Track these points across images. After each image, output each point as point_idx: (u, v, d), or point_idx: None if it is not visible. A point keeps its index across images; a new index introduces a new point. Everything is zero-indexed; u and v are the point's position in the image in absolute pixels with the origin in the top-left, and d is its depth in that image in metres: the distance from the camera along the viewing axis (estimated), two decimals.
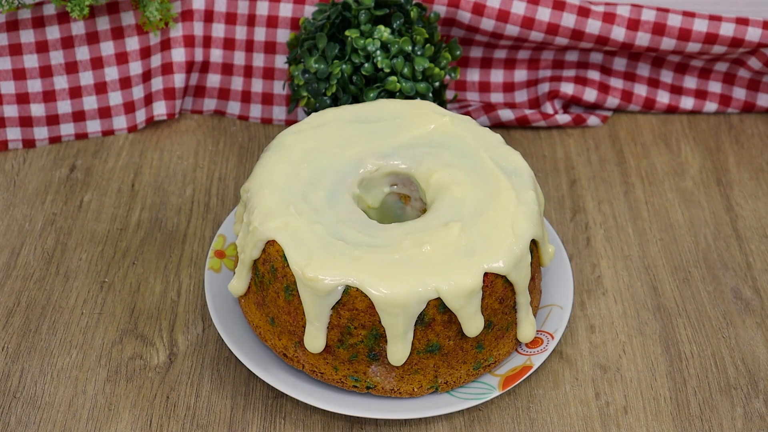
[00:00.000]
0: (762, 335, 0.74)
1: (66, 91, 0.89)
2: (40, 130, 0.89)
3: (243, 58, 0.92)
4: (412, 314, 0.62)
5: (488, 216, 0.66)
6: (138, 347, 0.72)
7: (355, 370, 0.65)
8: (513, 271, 0.64)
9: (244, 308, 0.70)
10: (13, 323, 0.73)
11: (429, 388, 0.66)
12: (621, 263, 0.79)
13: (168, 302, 0.75)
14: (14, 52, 0.87)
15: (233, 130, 0.92)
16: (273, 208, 0.66)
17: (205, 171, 0.87)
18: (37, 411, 0.67)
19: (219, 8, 0.90)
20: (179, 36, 0.90)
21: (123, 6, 0.88)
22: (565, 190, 0.86)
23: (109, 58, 0.89)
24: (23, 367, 0.70)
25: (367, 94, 0.81)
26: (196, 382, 0.69)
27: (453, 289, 0.62)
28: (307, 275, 0.62)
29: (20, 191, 0.85)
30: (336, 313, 0.63)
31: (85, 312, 0.74)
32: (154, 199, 0.84)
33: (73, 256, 0.79)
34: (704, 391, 0.70)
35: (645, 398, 0.69)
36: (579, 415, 0.68)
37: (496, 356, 0.67)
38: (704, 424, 0.67)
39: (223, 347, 0.72)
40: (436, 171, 0.69)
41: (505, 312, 0.66)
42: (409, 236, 0.64)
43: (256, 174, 0.69)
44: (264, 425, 0.66)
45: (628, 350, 0.72)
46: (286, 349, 0.67)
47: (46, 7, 0.86)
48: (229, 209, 0.83)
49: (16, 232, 0.81)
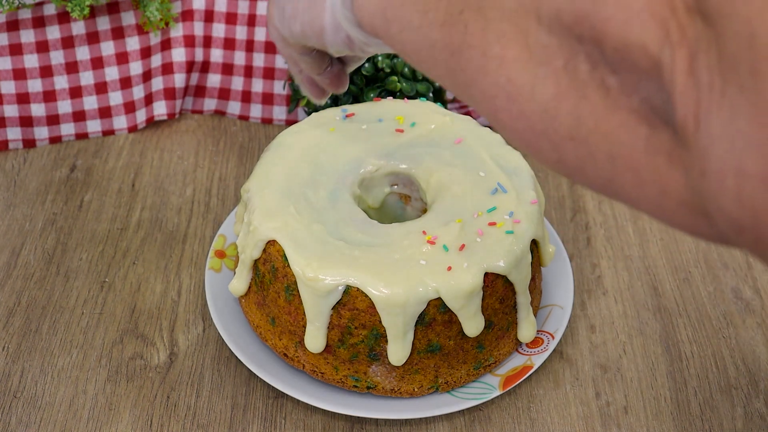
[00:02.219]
0: (762, 335, 0.74)
1: (66, 91, 0.89)
2: (40, 130, 0.89)
3: (243, 58, 0.91)
4: (412, 314, 0.62)
5: (488, 215, 0.66)
6: (138, 347, 0.71)
7: (355, 370, 0.65)
8: (513, 271, 0.64)
9: (245, 308, 0.70)
10: (14, 323, 0.73)
11: (429, 388, 0.66)
12: (621, 263, 0.79)
13: (168, 302, 0.75)
14: (14, 52, 0.87)
15: (233, 130, 0.92)
16: (273, 208, 0.66)
17: (206, 171, 0.87)
18: (37, 411, 0.67)
19: (219, 8, 0.90)
20: (179, 36, 0.90)
21: (123, 6, 0.88)
22: (566, 190, 0.86)
23: (110, 58, 0.89)
24: (23, 367, 0.70)
25: (367, 94, 0.81)
26: (196, 382, 0.69)
27: (453, 289, 0.62)
28: (308, 275, 0.62)
29: (20, 191, 0.85)
30: (336, 313, 0.63)
31: (85, 312, 0.74)
32: (154, 199, 0.84)
33: (74, 256, 0.79)
34: (705, 391, 0.70)
35: (645, 398, 0.69)
36: (579, 415, 0.68)
37: (497, 356, 0.67)
38: (704, 424, 0.67)
39: (224, 347, 0.72)
40: (437, 171, 0.69)
41: (506, 312, 0.66)
42: (409, 236, 0.64)
43: (256, 174, 0.69)
44: (264, 425, 0.66)
45: (628, 350, 0.72)
46: (287, 349, 0.67)
47: (46, 7, 0.86)
48: (229, 209, 0.83)
49: (17, 231, 0.81)
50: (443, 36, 0.44)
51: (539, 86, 0.38)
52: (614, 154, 0.36)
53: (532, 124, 0.39)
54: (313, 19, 0.56)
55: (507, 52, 0.40)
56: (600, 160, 0.37)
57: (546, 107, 0.38)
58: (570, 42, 0.37)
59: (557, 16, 0.37)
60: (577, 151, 0.38)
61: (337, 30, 0.55)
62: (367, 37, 0.54)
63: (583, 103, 0.37)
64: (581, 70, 0.37)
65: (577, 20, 0.36)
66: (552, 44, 0.38)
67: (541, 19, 0.38)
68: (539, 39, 0.38)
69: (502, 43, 0.40)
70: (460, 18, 0.42)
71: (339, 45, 0.57)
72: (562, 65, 0.37)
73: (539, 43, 0.38)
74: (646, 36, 0.33)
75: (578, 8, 0.36)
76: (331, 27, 0.55)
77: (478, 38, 0.41)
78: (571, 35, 0.37)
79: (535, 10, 0.38)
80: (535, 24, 0.38)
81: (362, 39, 0.54)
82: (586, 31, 0.36)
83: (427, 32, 0.45)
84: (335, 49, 0.58)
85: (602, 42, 0.35)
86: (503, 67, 0.40)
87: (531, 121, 0.39)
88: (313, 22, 0.57)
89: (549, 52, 0.38)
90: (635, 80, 0.35)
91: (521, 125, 0.40)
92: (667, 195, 0.35)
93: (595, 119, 0.36)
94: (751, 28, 0.29)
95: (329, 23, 0.55)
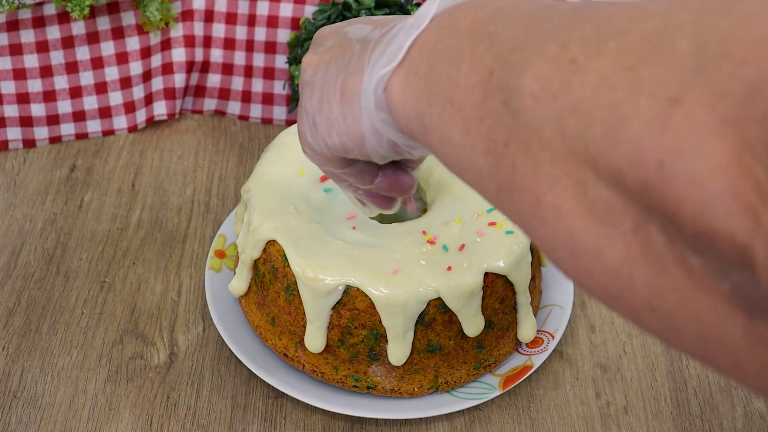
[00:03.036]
0: None
1: (66, 91, 0.89)
2: (40, 130, 0.89)
3: (243, 58, 0.91)
4: (412, 314, 0.62)
5: (488, 215, 0.66)
6: (138, 347, 0.71)
7: (355, 370, 0.65)
8: (513, 270, 0.64)
9: (245, 308, 0.70)
10: (14, 323, 0.73)
11: (429, 388, 0.66)
12: None
13: (168, 302, 0.75)
14: (14, 52, 0.87)
15: (233, 130, 0.92)
16: (273, 208, 0.66)
17: (206, 171, 0.87)
18: (37, 411, 0.67)
19: (219, 8, 0.90)
20: (179, 36, 0.90)
21: (123, 6, 0.88)
22: None
23: (110, 58, 0.89)
24: (24, 367, 0.70)
25: None
26: (196, 382, 0.69)
27: (453, 289, 0.62)
28: (308, 275, 0.62)
29: (21, 191, 0.85)
30: (336, 313, 0.63)
31: (85, 312, 0.74)
32: (154, 199, 0.84)
33: (74, 256, 0.79)
34: (704, 390, 0.70)
35: (645, 398, 0.69)
36: (579, 414, 0.68)
37: (497, 356, 0.67)
38: (704, 424, 0.67)
39: (224, 347, 0.72)
40: (437, 171, 0.69)
41: (506, 312, 0.66)
42: (409, 236, 0.64)
43: (256, 174, 0.69)
44: (264, 425, 0.66)
45: (628, 350, 0.72)
46: (287, 349, 0.67)
47: (46, 7, 0.86)
48: (229, 209, 0.83)
49: (17, 232, 0.81)
50: (489, 166, 0.37)
51: (606, 248, 0.32)
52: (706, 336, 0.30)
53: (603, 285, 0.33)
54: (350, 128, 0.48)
55: (563, 204, 0.33)
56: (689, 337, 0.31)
57: (617, 271, 0.32)
58: (638, 208, 0.30)
59: (618, 176, 0.30)
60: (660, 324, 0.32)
61: (379, 136, 0.47)
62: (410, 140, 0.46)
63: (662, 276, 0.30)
64: (656, 240, 0.30)
65: (644, 189, 0.29)
66: (616, 204, 0.31)
67: (600, 173, 0.31)
68: (599, 195, 0.31)
69: (556, 192, 0.33)
70: (506, 152, 0.35)
71: (383, 151, 0.49)
72: (631, 230, 0.31)
73: (599, 200, 0.31)
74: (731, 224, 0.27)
75: (642, 176, 0.29)
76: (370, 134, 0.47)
77: (529, 181, 0.34)
78: (638, 201, 0.30)
79: (590, 161, 0.31)
80: (593, 176, 0.31)
81: (406, 143, 0.47)
82: (656, 203, 0.29)
83: (471, 156, 0.38)
84: (378, 157, 0.49)
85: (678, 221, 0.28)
86: (561, 219, 0.33)
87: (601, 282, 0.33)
88: (350, 132, 0.48)
89: (614, 213, 0.31)
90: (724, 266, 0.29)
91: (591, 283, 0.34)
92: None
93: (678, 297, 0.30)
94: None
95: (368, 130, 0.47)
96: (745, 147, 0.27)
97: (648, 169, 0.29)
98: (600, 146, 0.30)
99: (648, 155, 0.29)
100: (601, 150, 0.30)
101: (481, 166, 0.37)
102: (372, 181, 0.54)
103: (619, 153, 0.30)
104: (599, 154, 0.31)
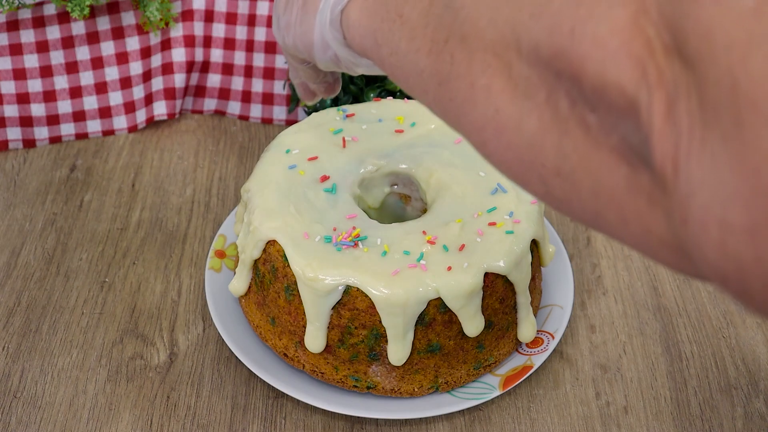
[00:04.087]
0: (762, 335, 0.74)
1: (66, 91, 0.89)
2: (40, 130, 0.89)
3: (243, 58, 0.92)
4: (412, 314, 0.62)
5: (488, 215, 0.66)
6: (138, 347, 0.71)
7: (355, 370, 0.65)
8: (513, 270, 0.64)
9: (245, 308, 0.70)
10: (14, 323, 0.73)
11: (429, 388, 0.66)
12: (621, 263, 0.79)
13: (168, 302, 0.75)
14: (14, 52, 0.87)
15: (233, 130, 0.92)
16: (273, 208, 0.66)
17: (206, 171, 0.87)
18: (37, 411, 0.67)
19: (219, 8, 0.90)
20: (179, 36, 0.90)
21: (123, 6, 0.88)
22: None
23: (110, 58, 0.89)
24: (24, 367, 0.70)
25: (367, 94, 0.81)
26: (196, 382, 0.69)
27: (453, 289, 0.62)
28: (308, 275, 0.62)
29: (20, 191, 0.85)
30: (336, 313, 0.63)
31: (85, 312, 0.74)
32: (154, 199, 0.84)
33: (74, 256, 0.79)
34: (705, 390, 0.70)
35: (645, 398, 0.69)
36: (579, 415, 0.68)
37: (497, 356, 0.67)
38: (705, 424, 0.67)
39: (224, 347, 0.72)
40: (437, 171, 0.69)
41: (506, 312, 0.66)
42: (409, 236, 0.64)
43: (256, 174, 0.69)
44: (264, 425, 0.66)
45: (628, 350, 0.72)
46: (287, 349, 0.67)
47: (46, 7, 0.86)
48: (229, 209, 0.83)
49: (17, 231, 0.81)
50: (430, 64, 0.43)
51: (525, 119, 0.38)
52: (598, 191, 0.36)
53: (520, 156, 0.39)
54: (304, 33, 0.57)
55: (493, 84, 0.39)
56: (585, 196, 0.36)
57: (532, 141, 0.38)
58: (550, 77, 0.36)
59: (536, 49, 0.36)
60: (563, 186, 0.37)
61: (326, 48, 0.55)
62: (356, 57, 0.54)
63: (566, 139, 0.36)
64: (562, 105, 0.36)
65: (555, 56, 0.35)
66: (533, 77, 0.37)
67: (521, 51, 0.37)
68: (521, 72, 0.37)
69: (488, 75, 0.39)
70: (445, 47, 0.42)
71: (327, 62, 0.57)
72: (544, 99, 0.37)
73: (522, 76, 0.37)
74: (622, 76, 0.32)
75: (556, 43, 0.35)
76: (319, 44, 0.56)
77: (464, 68, 0.40)
78: (550, 70, 0.36)
79: (515, 42, 0.37)
80: (516, 56, 0.37)
81: (350, 59, 0.54)
82: (564, 67, 0.35)
83: (415, 59, 0.44)
84: (324, 65, 0.58)
85: (580, 80, 0.34)
86: (491, 99, 0.39)
87: (519, 153, 0.39)
88: (303, 37, 0.57)
89: (531, 86, 0.37)
90: (613, 119, 0.34)
91: (510, 157, 0.39)
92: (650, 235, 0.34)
93: (578, 156, 0.36)
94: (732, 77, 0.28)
95: (318, 40, 0.55)
96: (642, 10, 0.32)
97: (562, 36, 0.35)
98: (525, 25, 0.37)
99: (563, 25, 0.35)
100: (525, 28, 0.37)
101: (423, 66, 0.44)
102: (317, 80, 0.65)
103: (539, 26, 0.36)
104: (523, 32, 0.37)
